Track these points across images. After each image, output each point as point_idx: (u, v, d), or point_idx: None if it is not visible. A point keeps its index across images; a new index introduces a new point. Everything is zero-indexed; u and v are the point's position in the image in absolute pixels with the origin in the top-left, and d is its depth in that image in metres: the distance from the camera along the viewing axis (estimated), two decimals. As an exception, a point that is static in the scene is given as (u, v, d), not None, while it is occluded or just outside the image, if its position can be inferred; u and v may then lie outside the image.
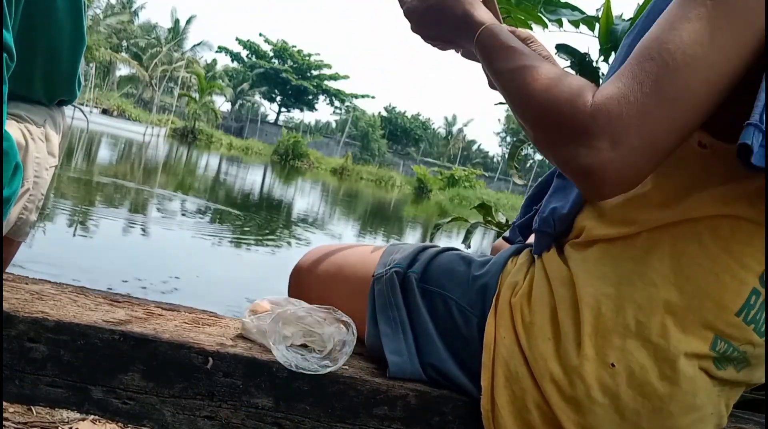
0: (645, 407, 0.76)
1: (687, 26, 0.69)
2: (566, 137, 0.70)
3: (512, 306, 0.84)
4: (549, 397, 0.78)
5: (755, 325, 0.77)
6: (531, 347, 0.80)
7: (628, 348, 0.76)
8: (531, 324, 0.81)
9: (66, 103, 1.38)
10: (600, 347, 0.77)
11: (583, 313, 0.78)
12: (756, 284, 0.76)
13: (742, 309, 0.76)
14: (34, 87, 1.27)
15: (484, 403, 0.83)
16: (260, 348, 0.88)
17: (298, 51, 59.38)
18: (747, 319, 0.77)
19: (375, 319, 0.94)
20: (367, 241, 11.10)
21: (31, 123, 1.26)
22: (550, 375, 0.78)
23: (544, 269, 0.84)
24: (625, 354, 0.76)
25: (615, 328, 0.76)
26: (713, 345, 0.77)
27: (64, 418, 1.86)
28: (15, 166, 0.97)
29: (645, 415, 0.77)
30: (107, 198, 9.29)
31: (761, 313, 0.77)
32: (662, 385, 0.76)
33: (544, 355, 0.79)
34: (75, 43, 1.29)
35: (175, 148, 30.38)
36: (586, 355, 0.77)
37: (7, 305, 0.81)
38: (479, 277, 0.91)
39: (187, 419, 0.83)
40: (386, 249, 1.03)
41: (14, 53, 0.90)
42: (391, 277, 0.95)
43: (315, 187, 23.97)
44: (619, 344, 0.76)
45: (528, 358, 0.80)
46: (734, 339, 0.77)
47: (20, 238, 1.30)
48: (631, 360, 0.76)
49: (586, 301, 0.78)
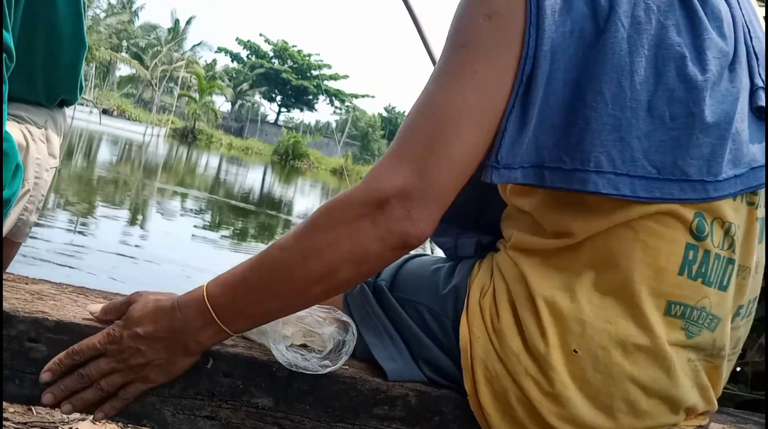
0: (617, 389, 0.77)
1: (446, 75, 0.76)
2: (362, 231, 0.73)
3: (482, 306, 0.85)
4: (528, 392, 0.79)
5: (703, 278, 0.78)
6: (502, 345, 0.81)
7: (587, 333, 0.77)
8: (499, 322, 0.82)
9: (67, 104, 1.38)
10: (561, 335, 0.78)
11: (539, 305, 0.79)
12: (688, 239, 0.78)
13: (682, 267, 0.77)
14: (35, 88, 1.27)
15: (472, 404, 0.84)
16: (260, 348, 0.88)
17: (298, 51, 59.39)
18: (692, 275, 0.78)
19: (362, 333, 0.94)
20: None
21: (31, 124, 1.26)
22: (525, 370, 0.79)
23: (499, 269, 0.86)
24: (586, 339, 0.77)
25: (571, 315, 0.77)
26: (667, 310, 0.78)
27: (64, 418, 1.86)
28: (15, 166, 0.97)
29: (618, 395, 0.77)
30: (108, 197, 9.29)
31: (705, 264, 0.78)
32: (628, 363, 0.77)
33: (516, 351, 0.80)
34: (75, 45, 1.29)
35: (175, 148, 30.37)
36: (552, 344, 0.78)
37: (7, 305, 0.81)
38: (448, 281, 0.91)
39: (187, 419, 0.83)
40: None
41: (14, 54, 0.90)
42: (362, 288, 0.96)
43: (315, 187, 23.96)
44: (578, 330, 0.77)
45: (501, 356, 0.81)
46: (687, 298, 0.78)
47: (20, 239, 1.30)
48: (591, 344, 0.77)
49: (540, 293, 0.80)
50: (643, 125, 0.75)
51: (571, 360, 0.77)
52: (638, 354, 0.77)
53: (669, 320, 0.78)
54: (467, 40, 0.75)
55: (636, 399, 0.78)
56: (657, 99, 0.75)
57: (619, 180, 0.75)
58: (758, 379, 1.66)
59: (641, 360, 0.77)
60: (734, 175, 0.78)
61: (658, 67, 0.76)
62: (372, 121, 59.94)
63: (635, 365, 0.77)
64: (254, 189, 17.43)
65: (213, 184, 15.78)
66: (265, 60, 58.97)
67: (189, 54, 54.63)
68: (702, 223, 0.78)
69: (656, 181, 0.75)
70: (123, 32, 52.24)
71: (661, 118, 0.75)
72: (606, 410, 0.78)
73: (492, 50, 0.74)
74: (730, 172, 0.78)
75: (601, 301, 0.78)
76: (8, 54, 0.88)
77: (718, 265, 0.80)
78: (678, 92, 0.76)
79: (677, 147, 0.76)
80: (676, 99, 0.76)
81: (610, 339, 0.77)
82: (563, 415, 0.78)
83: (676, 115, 0.76)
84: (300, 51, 59.61)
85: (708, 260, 0.78)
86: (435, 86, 0.76)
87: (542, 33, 0.73)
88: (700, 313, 0.79)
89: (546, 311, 0.79)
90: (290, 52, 59.02)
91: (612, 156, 0.75)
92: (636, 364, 0.77)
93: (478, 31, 0.75)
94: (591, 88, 0.75)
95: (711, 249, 0.78)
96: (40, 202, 1.29)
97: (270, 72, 58.35)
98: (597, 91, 0.74)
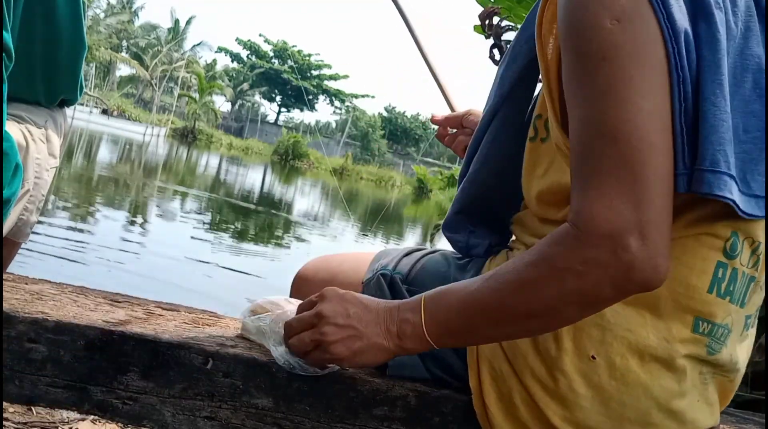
0: (630, 397, 0.77)
1: (605, 93, 0.68)
2: (596, 278, 0.67)
3: None
4: (533, 393, 0.79)
5: (731, 297, 0.78)
6: (510, 345, 0.81)
7: (607, 339, 0.76)
8: None
9: (68, 104, 1.38)
10: (578, 340, 0.77)
11: None
12: (720, 257, 0.77)
13: (712, 285, 0.77)
14: (35, 88, 1.27)
15: (476, 402, 0.84)
16: (260, 348, 0.88)
17: (298, 51, 59.37)
18: (720, 293, 0.77)
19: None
20: (367, 241, 11.10)
21: (31, 124, 1.26)
22: (531, 371, 0.79)
23: None
24: (605, 346, 0.76)
25: (592, 320, 0.77)
26: (695, 327, 0.77)
27: (64, 418, 1.86)
28: (15, 166, 0.97)
29: (630, 404, 0.77)
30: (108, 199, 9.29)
31: (733, 282, 0.78)
32: (644, 372, 0.76)
33: (524, 352, 0.80)
34: (75, 44, 1.29)
35: (175, 148, 30.37)
36: (565, 348, 0.77)
37: (7, 305, 0.81)
38: (460, 277, 0.92)
39: (187, 419, 0.83)
40: (375, 255, 1.06)
41: (13, 53, 0.90)
42: (378, 280, 0.97)
43: (315, 186, 23.97)
44: (598, 336, 0.77)
45: (509, 356, 0.81)
46: (714, 316, 0.78)
47: (20, 239, 1.30)
48: (611, 351, 0.76)
49: None
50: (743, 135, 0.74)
51: (587, 365, 0.77)
52: (653, 364, 0.76)
53: (696, 337, 0.77)
54: (605, 50, 0.69)
55: (648, 408, 0.77)
56: (734, 109, 0.73)
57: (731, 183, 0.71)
58: (758, 379, 1.66)
59: (656, 370, 0.77)
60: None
61: (737, 76, 0.74)
62: (372, 121, 59.89)
63: (650, 375, 0.76)
64: (254, 189, 17.43)
65: (213, 184, 15.78)
66: (265, 60, 58.93)
67: (189, 54, 54.62)
68: (736, 242, 0.77)
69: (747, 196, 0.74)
70: (123, 32, 52.22)
71: (736, 129, 0.73)
72: (615, 418, 0.77)
73: (638, 51, 0.69)
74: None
75: (623, 309, 0.76)
76: (8, 54, 0.88)
77: (742, 283, 0.79)
78: (753, 105, 0.74)
79: (748, 161, 0.74)
80: (751, 112, 0.74)
81: (629, 347, 0.76)
82: (568, 418, 0.78)
83: (749, 128, 0.74)
84: (300, 51, 59.58)
85: (736, 278, 0.78)
86: (598, 110, 0.69)
87: (674, 21, 0.69)
88: (724, 330, 0.79)
89: None
90: (290, 52, 58.96)
91: (728, 158, 0.71)
92: (650, 374, 0.76)
93: (611, 37, 0.69)
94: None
95: (739, 267, 0.78)
96: (40, 202, 1.29)
97: (270, 72, 58.32)
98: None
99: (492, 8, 2.00)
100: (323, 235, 10.63)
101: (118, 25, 50.71)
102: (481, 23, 2.04)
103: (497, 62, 2.00)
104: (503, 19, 2.00)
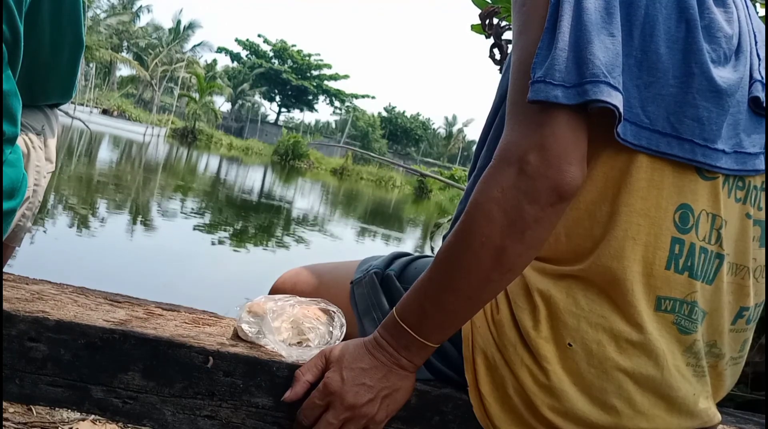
0: (610, 384, 0.77)
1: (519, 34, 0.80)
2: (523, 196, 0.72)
3: None
4: (524, 382, 0.79)
5: (690, 272, 0.78)
6: (500, 335, 0.82)
7: (582, 327, 0.77)
8: (498, 314, 0.82)
9: (60, 104, 1.38)
10: (556, 328, 0.78)
11: (535, 297, 0.80)
12: (673, 232, 0.77)
13: (669, 261, 0.77)
14: (34, 91, 1.27)
15: (472, 394, 0.84)
16: (260, 348, 0.88)
17: (297, 51, 59.39)
18: (678, 268, 0.78)
19: (363, 325, 0.94)
20: (367, 241, 11.10)
21: (31, 131, 1.26)
22: (521, 360, 0.80)
23: None
24: (580, 333, 0.77)
25: (567, 308, 0.78)
26: (658, 305, 0.78)
27: (64, 418, 1.86)
28: (22, 177, 0.97)
29: (611, 391, 0.77)
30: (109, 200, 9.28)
31: (691, 257, 0.78)
32: (621, 358, 0.77)
33: (512, 342, 0.80)
34: (74, 45, 1.29)
35: (175, 148, 30.38)
36: (545, 336, 0.78)
37: (7, 305, 0.81)
38: None
39: (188, 419, 0.83)
40: (362, 260, 1.06)
41: (21, 53, 0.90)
42: (371, 278, 0.98)
43: (315, 186, 23.97)
44: (573, 324, 0.78)
45: (499, 346, 0.82)
46: (676, 292, 0.78)
47: (15, 243, 1.30)
48: (586, 338, 0.77)
49: (536, 287, 0.80)
50: (646, 76, 0.76)
51: (565, 353, 0.78)
52: (631, 349, 0.77)
53: (660, 315, 0.78)
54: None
55: (630, 394, 0.78)
56: (664, 55, 0.76)
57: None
58: (758, 379, 1.66)
59: (634, 355, 0.77)
60: (723, 151, 0.78)
61: (671, 26, 0.77)
62: (372, 121, 59.93)
63: (628, 360, 0.77)
64: (254, 189, 17.43)
65: (213, 184, 15.78)
66: (265, 60, 58.95)
67: (189, 54, 54.62)
68: (686, 214, 0.78)
69: (646, 130, 0.76)
70: (123, 32, 52.21)
71: (664, 73, 0.76)
72: (601, 405, 0.78)
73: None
74: (720, 146, 0.78)
75: (597, 296, 0.78)
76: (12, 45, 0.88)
77: (705, 259, 0.79)
78: (686, 53, 0.77)
79: (673, 103, 0.76)
80: (682, 59, 0.77)
81: (604, 333, 0.77)
82: (557, 408, 0.78)
83: (678, 73, 0.77)
84: (300, 51, 59.59)
85: (694, 253, 0.78)
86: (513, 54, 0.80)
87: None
88: (692, 307, 0.79)
89: (542, 304, 0.79)
90: (290, 52, 58.99)
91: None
92: (629, 359, 0.77)
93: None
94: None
95: (696, 242, 0.78)
96: (36, 207, 1.29)
97: (270, 72, 58.34)
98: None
99: (492, 8, 2.00)
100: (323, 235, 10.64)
101: (118, 26, 50.71)
102: (481, 23, 2.04)
103: (497, 62, 2.00)
104: (503, 18, 2.00)
